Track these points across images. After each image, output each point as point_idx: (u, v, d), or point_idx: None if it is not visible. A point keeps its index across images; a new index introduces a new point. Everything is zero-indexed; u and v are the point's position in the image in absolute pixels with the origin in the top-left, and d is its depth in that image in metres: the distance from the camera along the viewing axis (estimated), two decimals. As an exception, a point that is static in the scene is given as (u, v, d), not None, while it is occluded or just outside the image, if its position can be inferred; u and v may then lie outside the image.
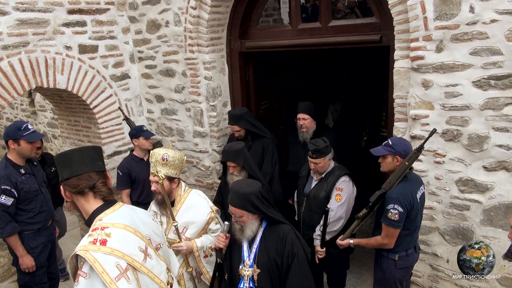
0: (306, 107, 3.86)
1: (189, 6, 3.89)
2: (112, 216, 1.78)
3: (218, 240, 2.55)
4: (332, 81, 6.39)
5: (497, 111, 2.71)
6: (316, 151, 3.16)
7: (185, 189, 2.94)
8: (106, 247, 1.66)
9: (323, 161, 3.20)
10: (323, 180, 3.29)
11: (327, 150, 3.19)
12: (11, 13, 3.54)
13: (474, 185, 2.91)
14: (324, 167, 3.24)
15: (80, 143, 4.63)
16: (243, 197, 2.39)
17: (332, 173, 3.29)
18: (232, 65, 4.29)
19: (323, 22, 3.65)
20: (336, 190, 3.20)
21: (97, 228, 1.71)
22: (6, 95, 3.55)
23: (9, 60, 3.53)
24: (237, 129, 3.88)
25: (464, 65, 2.75)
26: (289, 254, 2.41)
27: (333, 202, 3.19)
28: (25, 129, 3.23)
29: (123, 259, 1.69)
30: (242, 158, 3.37)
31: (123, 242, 1.72)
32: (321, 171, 3.26)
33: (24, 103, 6.99)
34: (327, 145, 3.18)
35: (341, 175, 3.24)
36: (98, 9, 4.19)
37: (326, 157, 3.20)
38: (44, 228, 3.45)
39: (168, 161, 2.81)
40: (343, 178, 3.24)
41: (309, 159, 3.24)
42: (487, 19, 2.60)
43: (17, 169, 3.28)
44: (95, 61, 4.20)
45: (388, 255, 2.80)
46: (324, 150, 3.17)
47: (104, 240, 1.67)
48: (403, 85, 3.07)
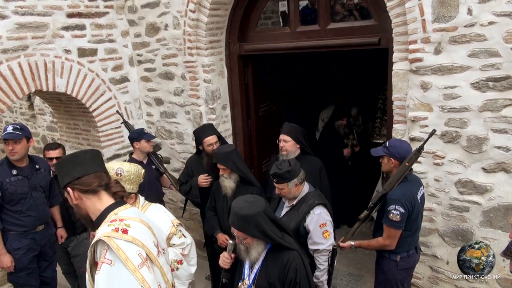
0: (289, 129, 3.48)
1: (188, 9, 3.90)
2: (126, 212, 1.80)
3: (223, 260, 2.46)
4: (331, 83, 6.39)
5: (496, 113, 2.72)
6: (276, 175, 2.74)
7: (143, 204, 2.75)
8: (128, 235, 1.68)
9: (287, 187, 2.77)
10: (294, 208, 2.87)
11: (290, 175, 2.74)
12: (10, 16, 3.54)
13: (473, 186, 2.92)
14: (290, 193, 2.81)
15: (79, 147, 4.63)
16: (246, 219, 2.21)
17: (304, 201, 2.83)
18: (231, 68, 4.29)
19: (322, 25, 3.66)
20: (319, 228, 2.74)
21: (115, 220, 1.72)
22: (5, 99, 3.55)
23: (9, 63, 3.54)
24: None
25: (463, 67, 2.76)
26: (290, 283, 2.26)
27: (321, 240, 2.75)
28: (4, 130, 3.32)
29: (143, 249, 1.72)
30: (231, 161, 3.26)
31: (141, 234, 1.75)
32: (289, 196, 2.84)
33: (23, 106, 6.99)
34: (290, 170, 2.72)
35: (314, 205, 2.78)
36: (97, 13, 4.20)
37: (291, 182, 2.75)
38: (32, 231, 3.44)
39: (123, 175, 2.64)
40: (318, 209, 2.77)
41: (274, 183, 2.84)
42: (485, 21, 2.62)
43: (10, 170, 3.32)
44: (94, 65, 4.20)
45: (390, 256, 2.80)
46: (285, 175, 2.73)
47: (125, 229, 1.69)
48: (402, 87, 3.08)
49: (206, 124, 3.98)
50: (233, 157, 3.30)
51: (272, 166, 2.85)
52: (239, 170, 3.32)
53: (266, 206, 2.30)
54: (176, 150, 4.60)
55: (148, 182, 3.90)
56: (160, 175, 4.09)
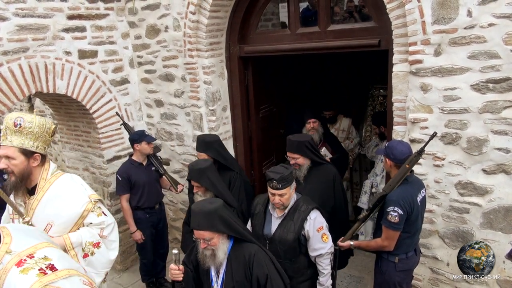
0: (295, 145, 3.31)
1: (188, 11, 3.91)
2: None
3: (172, 273, 2.33)
4: (332, 84, 6.39)
5: (496, 114, 2.72)
6: (282, 179, 2.63)
7: (53, 172, 2.31)
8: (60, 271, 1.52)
9: (289, 191, 2.70)
10: (287, 218, 2.75)
11: (291, 177, 2.72)
12: (11, 18, 3.55)
13: (474, 188, 2.92)
14: (289, 199, 2.74)
15: (79, 148, 4.63)
16: (210, 215, 2.13)
17: (297, 208, 2.75)
18: (231, 69, 4.30)
19: (322, 27, 3.67)
20: (317, 232, 2.70)
21: None
22: (5, 101, 3.56)
23: (9, 65, 3.54)
24: (204, 157, 3.53)
25: (463, 68, 2.76)
26: (258, 278, 2.16)
27: (322, 245, 2.72)
28: None
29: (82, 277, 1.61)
30: (206, 178, 3.05)
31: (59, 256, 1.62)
32: (287, 203, 2.74)
33: (23, 108, 7.00)
34: (290, 172, 2.73)
35: (309, 210, 2.72)
36: (98, 15, 4.20)
37: (292, 185, 2.72)
38: None
39: (23, 127, 2.11)
40: (313, 214, 2.73)
41: (272, 191, 2.69)
42: (485, 23, 2.62)
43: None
44: (94, 66, 4.21)
45: (388, 257, 2.81)
46: (289, 177, 2.68)
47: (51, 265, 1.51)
48: (402, 88, 3.09)
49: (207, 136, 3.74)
50: (208, 174, 3.12)
51: (268, 174, 2.70)
52: (214, 188, 3.12)
53: (224, 204, 2.30)
54: (176, 152, 4.61)
55: (148, 183, 3.91)
56: (159, 177, 4.09)
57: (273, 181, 2.65)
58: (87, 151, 4.56)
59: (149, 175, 3.96)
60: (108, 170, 4.42)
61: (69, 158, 4.83)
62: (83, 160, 4.64)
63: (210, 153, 3.52)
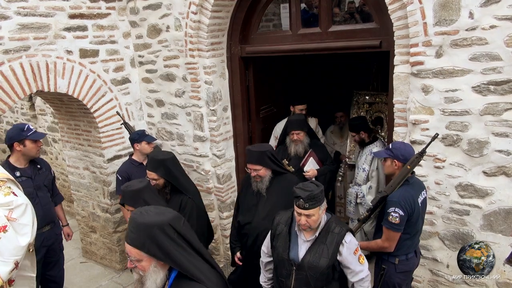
0: (255, 156, 3.09)
1: (189, 11, 3.91)
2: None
3: None
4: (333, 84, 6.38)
5: (497, 116, 2.72)
6: (311, 198, 2.33)
7: None
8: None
9: (318, 212, 2.39)
10: (318, 241, 2.44)
11: (322, 196, 2.41)
12: (12, 17, 3.55)
13: (474, 190, 2.92)
14: (318, 221, 2.42)
15: (80, 147, 4.63)
16: (141, 230, 1.61)
17: (329, 230, 2.45)
18: (232, 69, 4.30)
19: (323, 28, 3.67)
20: (354, 255, 2.44)
21: None
22: (7, 99, 3.56)
23: (10, 64, 3.54)
24: (153, 176, 3.22)
25: (464, 70, 2.76)
26: None
27: (361, 267, 2.47)
28: (27, 129, 3.34)
29: None
30: (142, 202, 2.65)
31: None
32: (314, 226, 2.42)
33: (24, 107, 6.99)
34: (321, 190, 2.41)
35: (343, 233, 2.43)
36: (99, 14, 4.21)
37: (322, 205, 2.41)
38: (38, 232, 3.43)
39: None
40: (348, 236, 2.44)
41: (298, 211, 2.39)
42: (486, 25, 2.62)
43: (13, 172, 3.30)
44: (95, 66, 4.21)
45: (388, 258, 2.81)
46: (319, 196, 2.38)
47: None
48: (403, 90, 3.09)
49: (160, 154, 3.45)
50: (144, 196, 2.79)
51: (295, 190, 2.40)
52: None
53: (175, 219, 1.69)
54: (177, 152, 4.60)
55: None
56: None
57: (300, 199, 2.34)
58: (87, 150, 4.56)
59: (150, 175, 3.96)
60: (109, 170, 4.42)
61: (70, 157, 4.83)
62: (83, 159, 4.65)
63: (160, 173, 3.20)
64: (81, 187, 4.81)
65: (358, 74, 5.95)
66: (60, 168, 6.43)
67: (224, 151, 4.39)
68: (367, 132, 4.12)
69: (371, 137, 4.14)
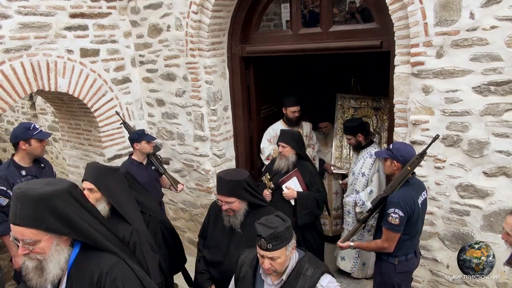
0: (229, 187, 2.53)
1: (190, 10, 3.91)
2: None
3: None
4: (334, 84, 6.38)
5: (497, 117, 2.72)
6: (274, 237, 1.90)
7: None
8: None
9: (285, 253, 1.95)
10: (286, 286, 2.02)
11: (289, 233, 1.98)
12: (13, 16, 3.55)
13: (474, 190, 2.92)
14: (285, 263, 1.99)
15: (80, 147, 4.64)
16: (41, 203, 1.39)
17: (300, 272, 2.01)
18: (233, 69, 4.30)
19: (324, 27, 3.67)
20: None
21: None
22: (7, 98, 3.56)
23: (11, 63, 3.55)
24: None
25: (464, 71, 2.76)
26: None
27: None
28: (33, 128, 3.36)
29: None
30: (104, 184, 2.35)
31: None
32: (281, 269, 1.99)
33: (25, 106, 7.00)
34: (288, 226, 1.98)
35: (318, 275, 1.99)
36: (100, 13, 4.21)
37: (289, 245, 1.97)
38: None
39: None
40: (324, 279, 2.00)
41: (261, 253, 1.96)
42: (487, 25, 2.62)
43: (19, 171, 3.32)
44: (96, 65, 4.21)
45: (388, 259, 2.81)
46: (285, 234, 1.94)
47: None
48: (404, 90, 3.08)
49: None
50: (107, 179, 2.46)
51: (256, 227, 1.98)
52: (110, 195, 2.44)
53: (72, 186, 1.52)
54: (177, 151, 4.61)
55: (147, 182, 3.91)
56: (159, 176, 4.09)
57: (261, 239, 1.92)
58: (88, 149, 4.56)
59: (149, 175, 3.96)
60: (109, 169, 4.42)
61: (70, 157, 4.84)
62: (84, 158, 4.65)
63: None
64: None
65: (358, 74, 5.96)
66: (61, 167, 6.44)
67: (224, 151, 4.39)
68: (364, 134, 3.90)
69: (368, 139, 3.94)
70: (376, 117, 4.42)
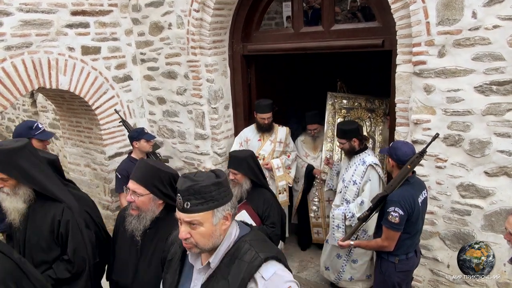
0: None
1: (192, 9, 3.91)
2: None
3: None
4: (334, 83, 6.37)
5: (499, 117, 2.71)
6: (196, 192, 1.42)
7: None
8: None
9: (210, 221, 1.45)
10: (217, 273, 1.48)
11: (220, 194, 1.46)
12: (14, 14, 3.55)
13: (475, 190, 2.91)
14: (211, 237, 1.47)
15: (81, 144, 4.64)
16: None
17: (237, 255, 1.47)
18: (234, 67, 4.30)
19: (325, 26, 3.66)
20: None
21: None
22: (8, 96, 3.56)
23: (12, 60, 3.55)
24: None
25: (466, 70, 2.75)
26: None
27: None
28: (36, 128, 3.28)
29: None
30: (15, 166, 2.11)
31: None
32: (204, 245, 1.46)
33: (26, 103, 7.01)
34: (218, 182, 1.46)
35: (258, 263, 1.43)
36: (101, 11, 4.20)
37: (220, 210, 1.46)
38: None
39: None
40: (269, 268, 1.44)
41: (177, 215, 1.47)
42: (490, 24, 2.61)
43: None
44: (97, 63, 4.21)
45: (388, 258, 2.81)
46: (213, 192, 1.44)
47: None
48: (405, 89, 3.08)
49: None
50: (19, 161, 2.12)
51: (179, 179, 1.48)
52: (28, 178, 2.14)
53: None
54: (178, 149, 4.61)
55: None
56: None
57: (178, 195, 1.44)
58: (88, 147, 4.56)
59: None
60: (110, 167, 4.42)
61: (71, 154, 4.84)
62: (84, 156, 4.65)
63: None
64: (82, 184, 4.81)
65: (358, 74, 5.95)
66: (62, 165, 6.44)
67: (225, 149, 4.39)
68: (359, 139, 3.50)
69: (362, 145, 3.53)
70: (370, 119, 4.09)
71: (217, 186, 1.45)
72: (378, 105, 4.10)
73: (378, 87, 4.89)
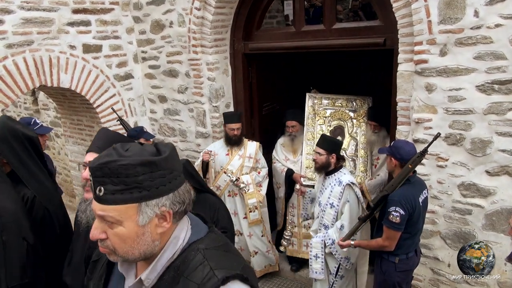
0: None
1: (193, 7, 3.90)
2: None
3: None
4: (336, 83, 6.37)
5: (501, 116, 2.71)
6: (108, 173, 0.99)
7: None
8: None
9: (134, 220, 1.01)
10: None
11: (154, 179, 1.01)
12: (16, 11, 3.55)
13: (477, 189, 2.91)
14: (136, 242, 1.03)
15: (82, 142, 4.64)
16: None
17: (184, 269, 1.04)
18: (235, 66, 4.29)
19: (327, 25, 3.66)
20: None
21: None
22: (10, 94, 3.56)
23: (14, 58, 3.55)
24: None
25: (468, 69, 2.75)
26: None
27: None
28: (34, 123, 3.36)
29: None
30: None
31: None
32: (124, 253, 1.04)
33: (27, 101, 7.01)
34: (153, 161, 1.01)
35: (212, 285, 0.99)
36: (103, 9, 4.20)
37: (153, 203, 1.02)
38: None
39: None
40: None
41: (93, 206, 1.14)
42: (492, 23, 2.60)
43: None
44: (99, 61, 4.21)
45: (388, 257, 2.81)
46: (140, 176, 0.99)
47: None
48: (407, 88, 3.07)
49: None
50: None
51: None
52: None
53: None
54: (179, 148, 4.61)
55: None
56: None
57: (90, 180, 1.04)
58: (89, 145, 4.57)
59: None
60: (111, 165, 4.42)
61: (72, 152, 4.85)
62: (85, 154, 4.65)
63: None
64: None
65: (358, 74, 5.95)
66: (63, 163, 6.45)
67: (226, 148, 4.39)
68: (338, 158, 3.17)
69: (338, 164, 3.19)
70: (352, 120, 3.95)
71: (148, 168, 0.98)
72: (360, 105, 3.98)
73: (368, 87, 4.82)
